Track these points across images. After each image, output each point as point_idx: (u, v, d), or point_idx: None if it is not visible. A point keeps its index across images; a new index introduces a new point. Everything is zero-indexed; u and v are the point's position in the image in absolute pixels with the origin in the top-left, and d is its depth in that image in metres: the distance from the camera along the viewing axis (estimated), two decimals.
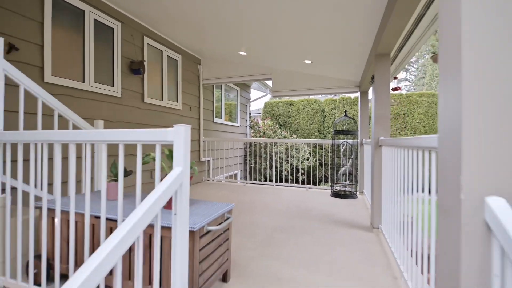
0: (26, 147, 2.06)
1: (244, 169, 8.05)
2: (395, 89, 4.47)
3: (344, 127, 5.89)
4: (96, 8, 3.21)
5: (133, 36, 3.81)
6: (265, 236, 2.64)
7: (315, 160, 8.52)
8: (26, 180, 1.73)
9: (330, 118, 9.73)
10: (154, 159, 1.55)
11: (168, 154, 1.60)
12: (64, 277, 1.61)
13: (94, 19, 3.18)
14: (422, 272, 1.45)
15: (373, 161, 2.95)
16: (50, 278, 1.62)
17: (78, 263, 1.57)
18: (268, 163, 6.54)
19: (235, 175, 7.53)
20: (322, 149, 8.76)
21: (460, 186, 0.80)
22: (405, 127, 9.12)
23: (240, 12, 3.16)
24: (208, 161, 5.89)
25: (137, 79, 3.89)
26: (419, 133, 9.03)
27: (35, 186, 1.78)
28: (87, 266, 0.76)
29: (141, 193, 1.26)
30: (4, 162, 1.62)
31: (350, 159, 5.14)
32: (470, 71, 0.78)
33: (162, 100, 4.41)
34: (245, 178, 7.91)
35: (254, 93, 9.64)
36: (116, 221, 1.49)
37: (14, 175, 1.64)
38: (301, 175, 7.86)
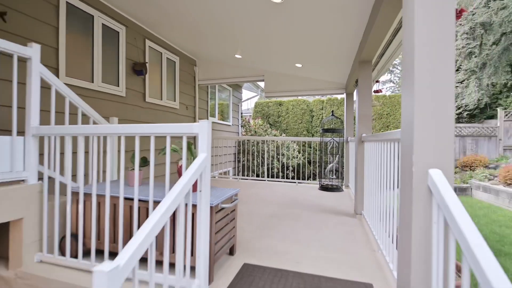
0: (55, 140, 2.29)
1: (237, 167, 8.35)
2: (376, 91, 4.91)
3: (331, 125, 6.30)
4: (104, 13, 3.43)
5: (136, 39, 4.04)
6: (262, 222, 2.96)
7: (304, 158, 8.94)
8: (62, 169, 1.97)
9: (318, 118, 10.17)
10: (175, 150, 1.84)
11: (188, 147, 1.90)
12: (99, 252, 1.87)
13: (102, 24, 3.40)
14: (396, 248, 1.82)
15: (356, 155, 3.34)
16: (82, 253, 1.87)
17: (111, 239, 1.83)
18: (260, 160, 6.87)
19: (228, 172, 7.82)
20: (310, 148, 9.19)
21: (412, 162, 1.16)
22: (387, 126, 9.70)
23: (233, 20, 3.47)
24: None
25: (139, 80, 4.13)
26: None
27: (70, 174, 2.03)
28: (146, 224, 1.05)
29: (154, 179, 1.55)
30: (42, 154, 1.86)
31: (337, 156, 5.55)
32: (419, 85, 1.15)
33: (161, 100, 4.65)
34: (237, 174, 8.21)
35: (245, 93, 9.94)
36: (144, 201, 1.77)
37: (48, 165, 1.89)
38: (291, 172, 8.24)
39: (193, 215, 1.63)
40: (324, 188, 4.97)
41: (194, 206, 1.61)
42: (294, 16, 3.05)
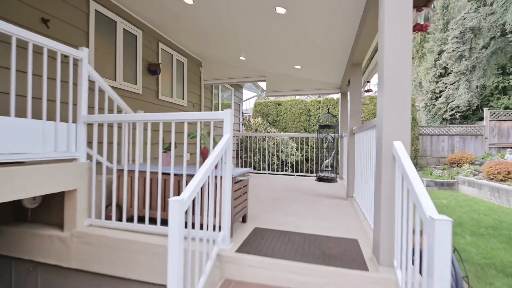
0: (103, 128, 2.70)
1: (237, 162, 8.78)
2: (367, 90, 5.38)
3: (327, 122, 6.77)
4: (124, 19, 3.85)
5: (151, 42, 4.46)
6: (266, 203, 3.40)
7: (302, 156, 9.41)
8: (109, 154, 2.39)
9: (315, 117, 10.65)
10: (203, 135, 2.27)
11: (207, 134, 2.34)
12: (140, 218, 2.27)
13: (123, 28, 3.82)
14: None
15: (348, 145, 3.80)
16: (121, 218, 2.29)
17: (149, 207, 2.26)
18: (260, 156, 7.31)
19: None
20: (308, 145, 9.66)
21: (382, 137, 1.61)
22: None
23: (237, 25, 3.91)
24: None
25: (153, 79, 4.54)
26: None
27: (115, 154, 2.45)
28: (195, 178, 1.48)
29: (175, 158, 1.98)
30: (101, 143, 2.28)
31: (332, 153, 6.01)
32: (387, 87, 1.60)
33: (172, 98, 5.07)
34: None
35: (245, 93, 10.38)
36: (178, 175, 2.20)
37: (90, 146, 2.31)
38: (290, 168, 8.69)
39: (215, 185, 2.06)
40: (320, 179, 5.43)
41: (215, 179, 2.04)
42: (294, 23, 3.50)
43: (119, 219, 2.24)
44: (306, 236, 2.16)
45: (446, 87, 16.85)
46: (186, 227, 1.37)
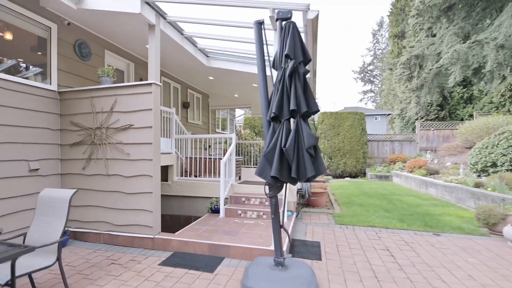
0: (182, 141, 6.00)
1: None
2: None
3: None
4: (172, 80, 7.18)
5: (184, 89, 7.80)
6: (251, 177, 6.73)
7: None
8: (181, 150, 5.70)
9: None
10: (225, 142, 5.62)
11: (225, 143, 5.71)
12: (197, 176, 5.56)
13: (173, 86, 7.16)
14: None
15: None
16: (188, 176, 5.59)
17: (200, 174, 5.56)
18: (248, 157, 10.64)
19: None
20: None
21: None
22: (338, 134, 13.74)
23: (231, 82, 7.31)
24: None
25: (185, 110, 7.87)
26: (348, 139, 13.68)
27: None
28: (224, 159, 4.82)
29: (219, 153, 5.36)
30: (177, 147, 5.62)
31: None
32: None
33: (193, 120, 8.40)
34: None
35: (238, 111, 13.76)
36: (214, 158, 5.53)
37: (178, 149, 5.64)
38: None
39: (230, 162, 5.37)
40: None
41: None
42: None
43: (187, 176, 5.55)
44: None
45: (402, 102, 20.76)
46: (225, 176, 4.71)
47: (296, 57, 2.52)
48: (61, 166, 4.20)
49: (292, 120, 2.61)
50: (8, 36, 3.74)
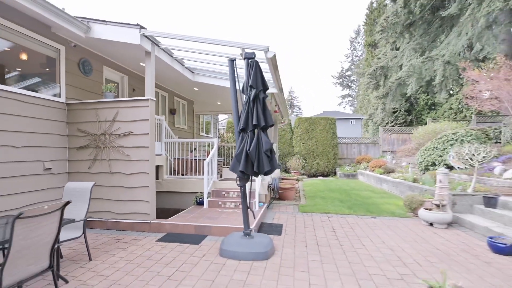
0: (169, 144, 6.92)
1: None
2: (275, 111, 10.01)
3: None
4: (163, 90, 8.07)
5: (171, 97, 8.71)
6: (230, 174, 7.76)
7: None
8: (170, 152, 6.63)
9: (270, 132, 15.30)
10: (209, 145, 6.63)
11: (208, 146, 6.72)
12: (183, 174, 6.51)
13: (161, 95, 8.06)
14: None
15: None
16: (176, 174, 6.54)
17: (187, 173, 6.52)
18: (230, 158, 11.65)
19: None
20: None
21: None
22: (312, 138, 15.09)
23: (214, 91, 8.34)
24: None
25: (172, 116, 8.77)
26: (320, 142, 15.06)
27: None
28: (210, 157, 5.84)
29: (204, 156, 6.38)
30: (166, 149, 6.55)
31: None
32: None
33: (180, 125, 9.31)
34: None
35: (221, 115, 14.75)
36: (197, 160, 6.52)
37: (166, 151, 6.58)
38: None
39: (212, 162, 6.38)
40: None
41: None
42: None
43: (175, 175, 6.50)
44: None
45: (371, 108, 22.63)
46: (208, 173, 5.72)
47: (257, 87, 3.61)
48: (68, 166, 5.03)
49: (256, 131, 3.68)
50: (24, 56, 4.56)
